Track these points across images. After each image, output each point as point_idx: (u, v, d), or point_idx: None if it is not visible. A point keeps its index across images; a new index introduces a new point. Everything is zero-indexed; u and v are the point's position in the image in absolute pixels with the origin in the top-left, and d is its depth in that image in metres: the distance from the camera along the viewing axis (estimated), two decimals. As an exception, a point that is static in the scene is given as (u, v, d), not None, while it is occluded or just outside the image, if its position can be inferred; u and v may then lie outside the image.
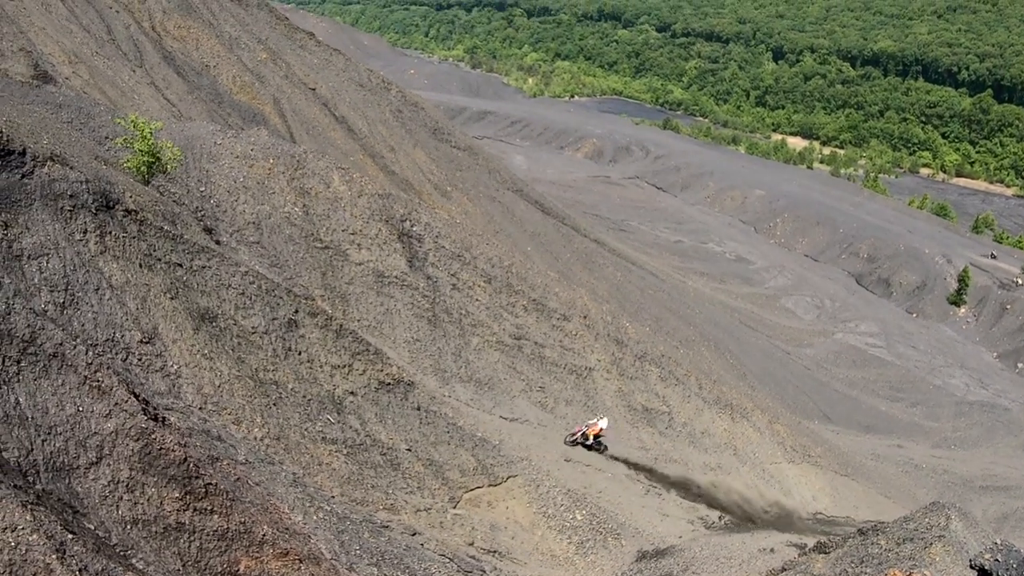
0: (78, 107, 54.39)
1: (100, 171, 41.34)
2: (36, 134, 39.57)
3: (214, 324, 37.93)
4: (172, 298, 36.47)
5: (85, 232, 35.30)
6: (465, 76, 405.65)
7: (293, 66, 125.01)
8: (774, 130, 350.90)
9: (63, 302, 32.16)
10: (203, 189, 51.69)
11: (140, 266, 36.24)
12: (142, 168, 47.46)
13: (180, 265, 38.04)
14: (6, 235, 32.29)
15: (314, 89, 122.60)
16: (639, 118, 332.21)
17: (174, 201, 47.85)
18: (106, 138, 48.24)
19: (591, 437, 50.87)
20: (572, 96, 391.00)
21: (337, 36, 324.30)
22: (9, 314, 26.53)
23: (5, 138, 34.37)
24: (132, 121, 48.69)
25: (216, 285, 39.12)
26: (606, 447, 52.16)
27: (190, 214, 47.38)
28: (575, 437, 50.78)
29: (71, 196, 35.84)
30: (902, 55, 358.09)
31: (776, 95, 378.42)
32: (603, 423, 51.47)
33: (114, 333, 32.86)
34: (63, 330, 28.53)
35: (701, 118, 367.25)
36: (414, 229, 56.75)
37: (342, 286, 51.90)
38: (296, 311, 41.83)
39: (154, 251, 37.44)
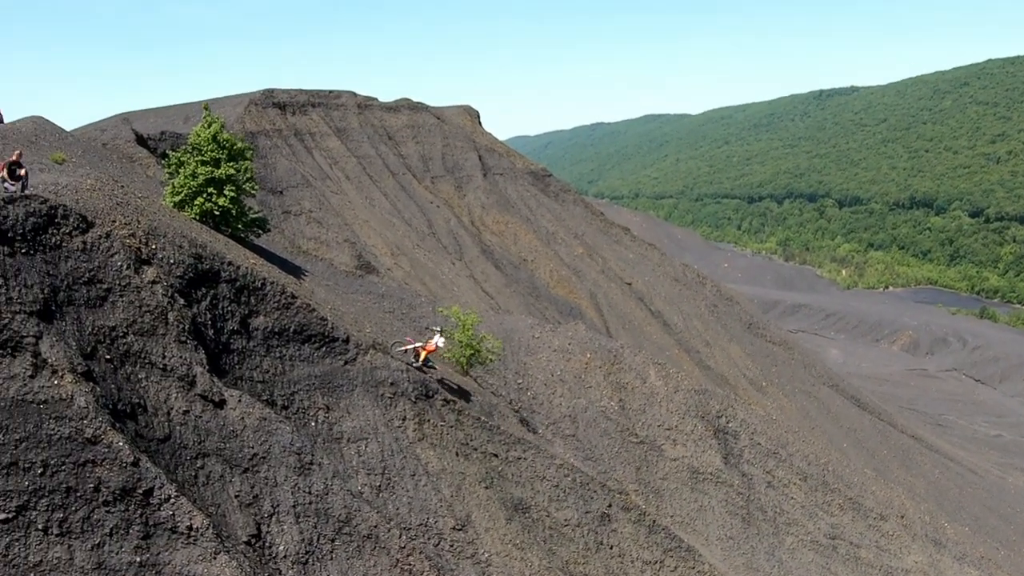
0: (400, 297, 57.57)
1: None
2: (359, 322, 42.05)
3: (527, 515, 38.08)
4: (487, 487, 36.96)
5: (404, 419, 36.62)
6: (778, 268, 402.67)
7: (609, 261, 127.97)
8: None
9: (379, 485, 33.20)
10: (520, 381, 52.95)
11: (456, 454, 37.10)
12: (462, 359, 49.25)
13: (496, 455, 38.71)
14: (328, 418, 34.04)
15: (630, 284, 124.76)
16: (955, 307, 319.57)
17: (492, 392, 49.23)
18: (426, 328, 50.46)
19: (422, 356, 43.79)
20: (886, 287, 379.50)
21: (651, 230, 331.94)
22: (327, 494, 27.62)
23: (330, 326, 36.54)
24: (454, 313, 50.98)
25: (531, 476, 39.47)
26: (433, 368, 44.11)
27: (507, 405, 48.52)
28: (406, 350, 43.99)
29: (392, 384, 37.42)
30: None
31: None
32: (439, 340, 44.14)
33: (427, 518, 33.51)
34: (378, 513, 29.38)
35: (1019, 305, 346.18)
36: (730, 425, 55.84)
37: (656, 481, 51.30)
38: (610, 505, 41.48)
39: (471, 440, 38.32)
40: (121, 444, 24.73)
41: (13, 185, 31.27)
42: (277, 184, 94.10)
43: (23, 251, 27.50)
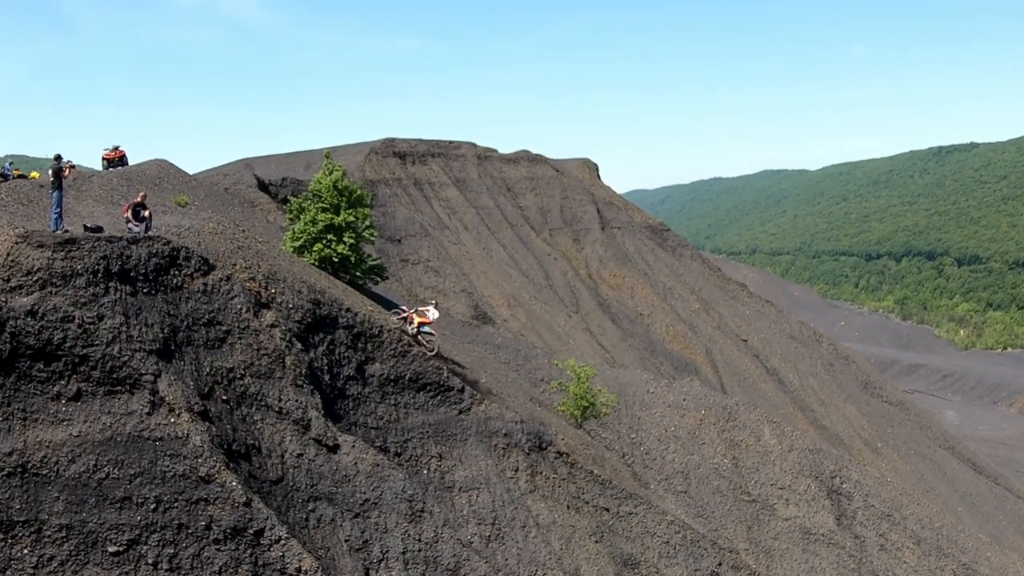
0: (515, 348, 57.40)
1: (535, 412, 42.85)
2: (475, 372, 41.85)
3: (636, 570, 37.29)
4: (596, 541, 36.32)
5: (516, 470, 36.22)
6: (895, 327, 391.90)
7: (725, 316, 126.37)
8: None
9: (489, 536, 32.76)
10: (634, 436, 52.30)
11: (567, 507, 36.57)
12: (576, 412, 48.70)
13: (607, 509, 38.09)
14: (440, 466, 33.78)
15: (746, 340, 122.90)
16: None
17: (605, 446, 48.62)
18: (541, 380, 50.16)
19: (416, 324, 41.46)
20: (1005, 348, 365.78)
21: (768, 287, 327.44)
22: (437, 542, 27.28)
23: (446, 375, 36.40)
24: (571, 366, 50.52)
25: (641, 532, 38.73)
26: (432, 345, 41.58)
27: (620, 459, 47.88)
28: (402, 317, 41.84)
29: (505, 434, 37.08)
30: None
31: None
32: (433, 313, 41.99)
33: (536, 571, 32.93)
34: (487, 563, 28.91)
35: None
36: (843, 486, 54.31)
37: (767, 541, 49.94)
38: (720, 563, 40.42)
39: (582, 494, 37.79)
40: (234, 484, 24.81)
41: (137, 226, 32.03)
42: (396, 232, 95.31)
43: (145, 291, 28.02)
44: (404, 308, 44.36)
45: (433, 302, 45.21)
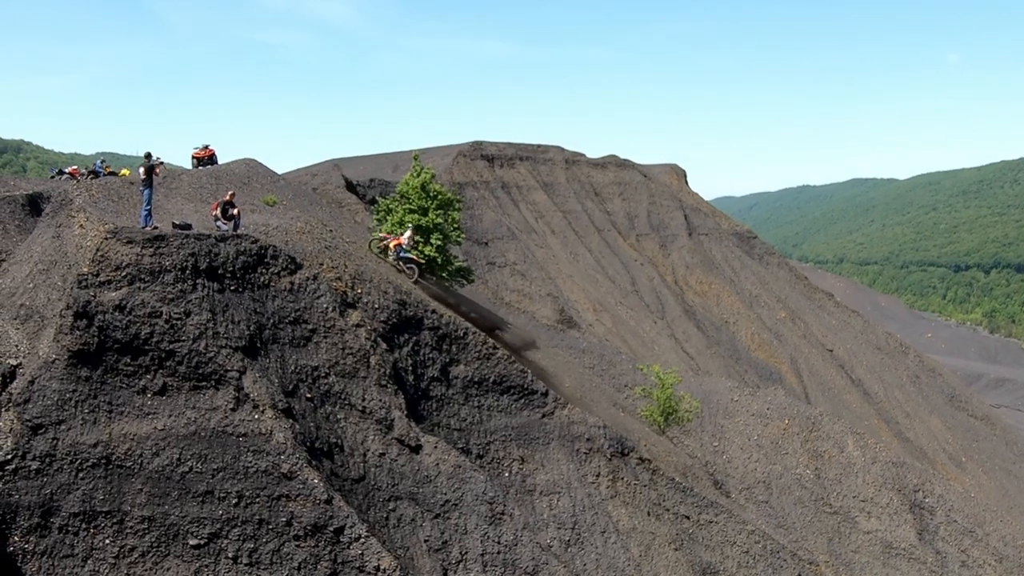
0: (600, 353, 57.04)
1: (618, 418, 42.50)
2: (559, 376, 41.63)
3: (714, 579, 36.78)
4: (676, 549, 35.87)
5: (598, 475, 35.94)
6: (983, 340, 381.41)
7: (811, 326, 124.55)
8: None
9: (568, 540, 32.52)
10: (716, 444, 51.74)
11: (648, 514, 36.20)
12: (659, 418, 48.23)
13: (688, 517, 37.65)
14: (522, 469, 33.60)
15: (831, 350, 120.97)
16: None
17: (687, 453, 48.09)
18: (625, 386, 49.76)
19: (392, 249, 42.44)
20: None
21: (854, 296, 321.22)
22: (516, 545, 27.09)
23: (530, 378, 36.22)
24: (655, 372, 50.05)
25: (721, 541, 38.21)
26: (413, 270, 42.93)
27: (701, 467, 47.36)
28: (382, 246, 43.15)
29: (588, 439, 36.82)
30: None
31: None
32: (407, 234, 43.29)
33: (614, 577, 32.57)
34: (566, 567, 28.65)
35: None
36: (926, 500, 53.09)
37: (847, 554, 49.02)
38: (799, 575, 39.66)
39: (663, 501, 37.38)
40: (316, 481, 24.90)
41: (225, 224, 32.40)
42: (483, 235, 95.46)
43: (232, 288, 28.29)
44: (386, 235, 45.23)
45: (410, 225, 45.95)
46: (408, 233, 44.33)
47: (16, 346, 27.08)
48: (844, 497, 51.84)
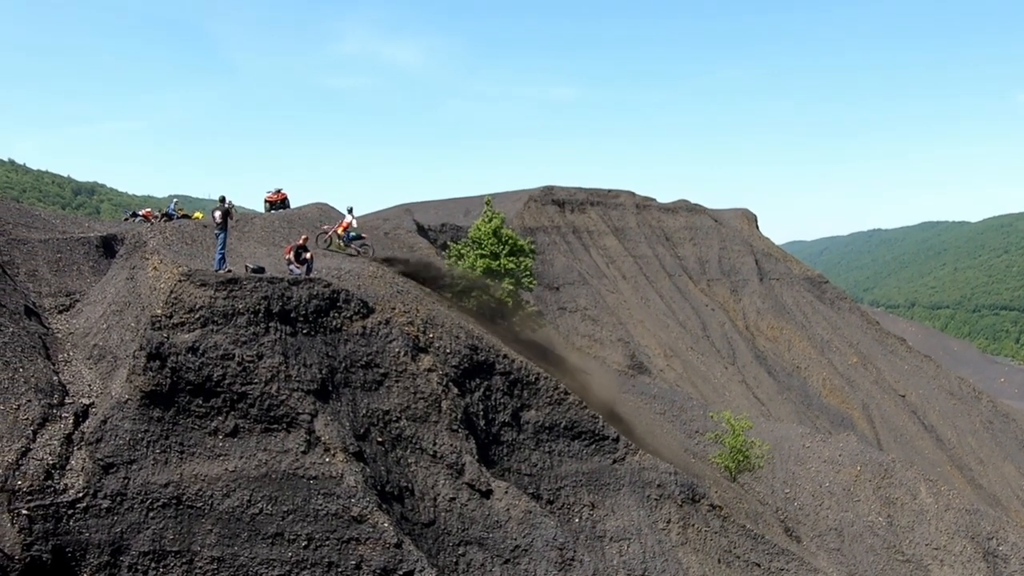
0: (671, 399, 56.51)
1: (689, 464, 41.98)
2: (629, 422, 41.22)
3: (788, 628, 36.03)
4: (746, 596, 35.19)
5: (668, 522, 35.49)
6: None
7: (883, 371, 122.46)
8: None
9: (640, 588, 32.05)
10: (788, 491, 50.92)
11: (719, 561, 35.64)
12: (731, 465, 47.60)
13: (759, 565, 36.99)
14: (592, 515, 33.25)
15: (904, 396, 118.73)
16: None
17: (758, 500, 47.32)
18: (696, 432, 49.21)
19: (339, 232, 43.14)
20: None
21: (926, 341, 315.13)
22: (587, 594, 26.73)
23: (601, 424, 35.96)
24: (726, 418, 49.47)
25: (793, 588, 37.44)
26: (367, 247, 44.17)
27: (772, 514, 46.58)
28: (328, 238, 44.04)
29: (659, 486, 36.41)
30: None
31: None
32: (349, 217, 44.06)
33: (686, 626, 32.03)
34: (637, 617, 28.21)
35: None
36: (1000, 548, 51.79)
37: (921, 602, 47.86)
38: (876, 625, 38.74)
39: (734, 548, 36.79)
40: (386, 525, 24.84)
41: (298, 268, 32.75)
42: (554, 280, 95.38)
43: (304, 332, 28.50)
44: (327, 227, 46.11)
45: (350, 207, 46.27)
46: (349, 218, 45.23)
47: (89, 386, 27.51)
48: (917, 545, 50.79)
